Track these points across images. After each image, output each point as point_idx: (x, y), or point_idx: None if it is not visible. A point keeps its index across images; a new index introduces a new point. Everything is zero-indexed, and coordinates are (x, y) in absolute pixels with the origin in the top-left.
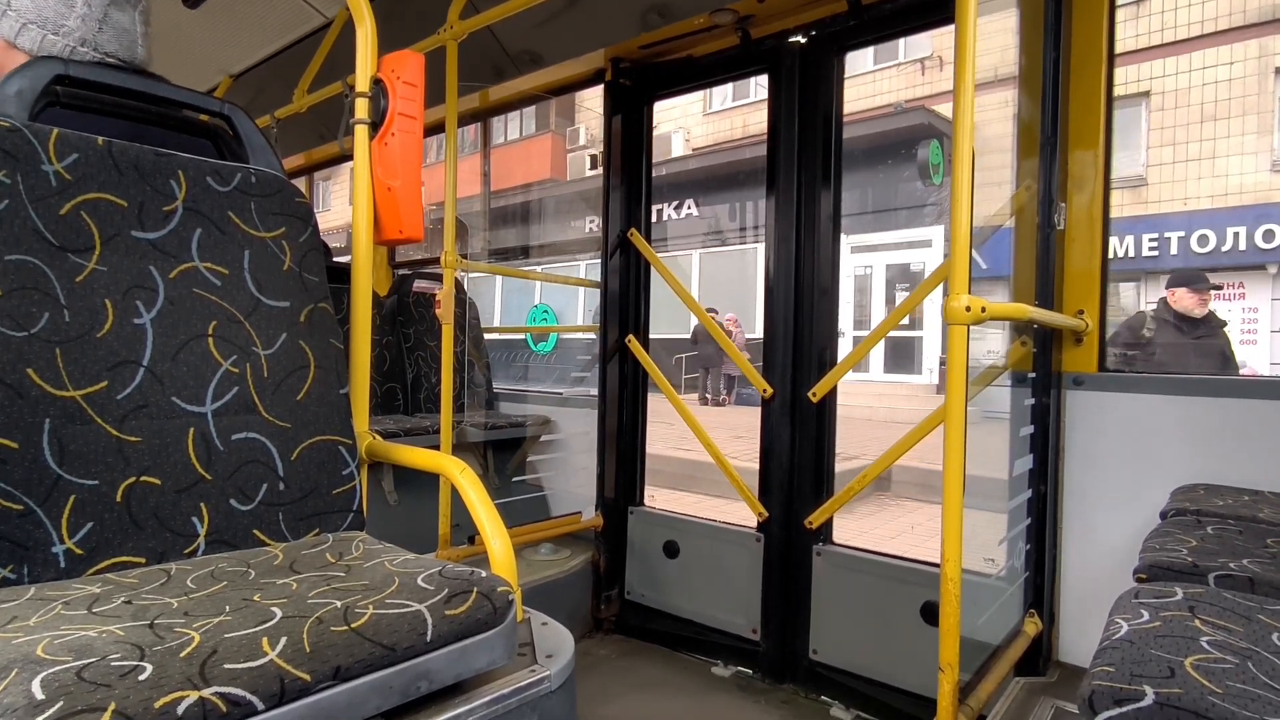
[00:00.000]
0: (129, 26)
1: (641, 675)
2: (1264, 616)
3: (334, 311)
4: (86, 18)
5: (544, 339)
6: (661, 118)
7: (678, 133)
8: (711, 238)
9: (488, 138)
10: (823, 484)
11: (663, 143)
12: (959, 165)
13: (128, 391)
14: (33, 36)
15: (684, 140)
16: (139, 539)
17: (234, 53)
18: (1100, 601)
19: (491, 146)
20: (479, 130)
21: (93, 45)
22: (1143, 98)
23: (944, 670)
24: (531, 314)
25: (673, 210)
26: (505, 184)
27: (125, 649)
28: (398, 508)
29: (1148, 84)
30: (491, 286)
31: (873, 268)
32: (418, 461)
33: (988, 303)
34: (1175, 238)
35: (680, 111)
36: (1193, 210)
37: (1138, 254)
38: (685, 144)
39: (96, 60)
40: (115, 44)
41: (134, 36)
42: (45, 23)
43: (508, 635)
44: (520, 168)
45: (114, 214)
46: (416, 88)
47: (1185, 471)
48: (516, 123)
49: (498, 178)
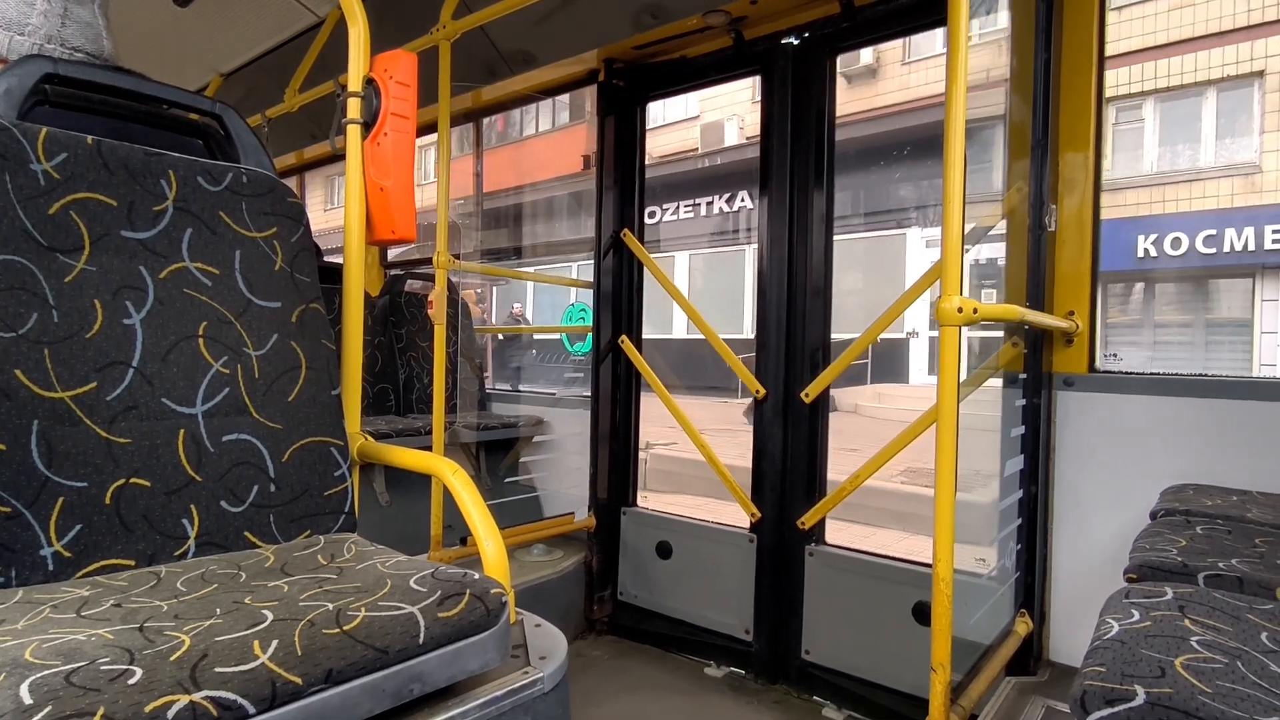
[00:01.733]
0: (91, 20)
1: (634, 676)
2: (1253, 616)
3: (325, 312)
4: (48, 14)
5: (581, 339)
6: (709, 105)
7: (730, 120)
8: None
9: (480, 138)
10: (815, 485)
11: (714, 131)
12: (950, 167)
13: (117, 392)
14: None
15: (738, 128)
16: (128, 541)
17: (225, 51)
18: (1091, 601)
19: (524, 137)
20: (473, 129)
21: (59, 41)
22: (1255, 78)
23: (936, 670)
24: (568, 312)
25: (725, 203)
26: (536, 177)
27: (115, 652)
28: (390, 509)
29: (1262, 63)
30: (522, 286)
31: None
32: (409, 463)
33: (980, 304)
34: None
35: (728, 99)
36: None
37: (1258, 246)
38: (739, 132)
39: (66, 56)
40: (81, 38)
41: (98, 30)
42: (10, 24)
43: (501, 637)
44: (554, 160)
45: (103, 213)
46: (409, 87)
47: (1175, 472)
48: (549, 113)
49: (528, 170)
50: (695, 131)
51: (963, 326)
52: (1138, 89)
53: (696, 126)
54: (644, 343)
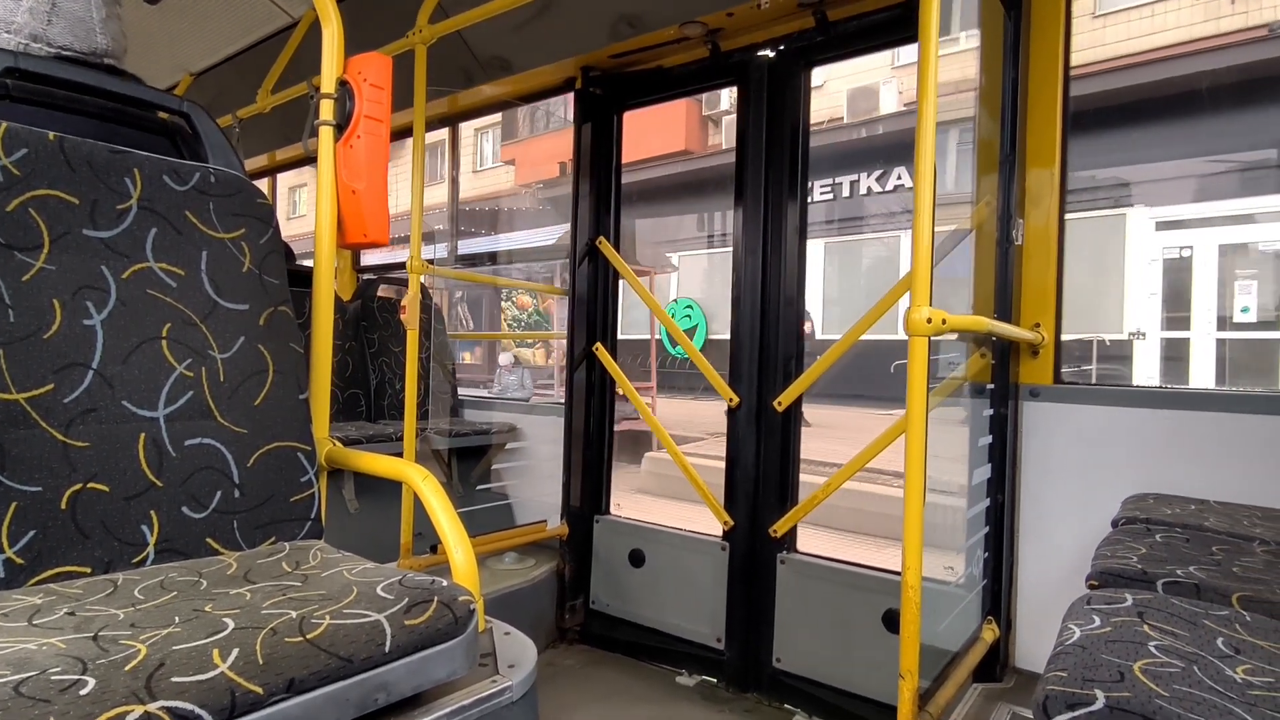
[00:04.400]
0: (83, 15)
1: (605, 685)
2: (1209, 622)
3: (296, 315)
4: (34, 10)
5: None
6: (853, 68)
7: (889, 83)
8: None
9: (455, 143)
10: (787, 492)
11: (865, 97)
12: (921, 180)
13: (75, 395)
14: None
15: (897, 93)
16: (84, 548)
17: (195, 50)
18: (1055, 608)
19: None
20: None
21: (45, 40)
22: None
23: (904, 677)
24: (670, 309)
25: (875, 181)
26: (630, 157)
27: (66, 662)
28: (358, 516)
29: None
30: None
31: (1194, 249)
32: (379, 469)
33: (948, 315)
34: None
35: (868, 62)
36: None
37: None
38: (898, 97)
39: (51, 55)
40: (70, 35)
41: (90, 25)
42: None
43: (469, 645)
44: (648, 139)
45: (64, 211)
46: (383, 90)
47: (1136, 481)
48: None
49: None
50: (834, 101)
51: (931, 337)
52: None
53: (838, 94)
54: (711, 343)
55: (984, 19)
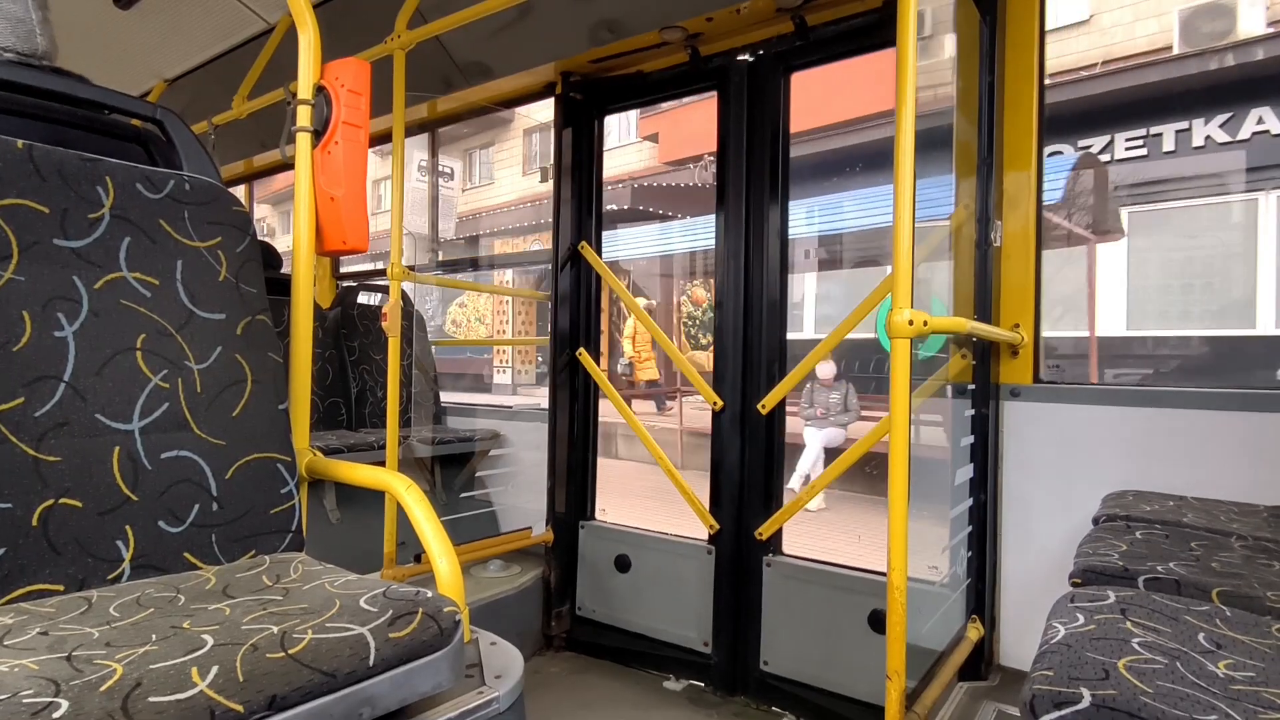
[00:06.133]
0: (22, 15)
1: (593, 691)
2: (1190, 617)
3: (274, 324)
4: None
5: (922, 341)
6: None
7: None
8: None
9: (435, 147)
10: (772, 495)
11: (1209, 16)
12: (900, 184)
13: (46, 408)
14: None
15: (1264, 8)
16: (57, 565)
17: (169, 56)
18: (1039, 606)
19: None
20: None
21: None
22: None
23: (891, 678)
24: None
25: (1220, 128)
26: (809, 124)
27: (39, 684)
28: (340, 526)
29: None
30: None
31: None
32: (360, 479)
33: (930, 317)
34: None
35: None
36: None
37: None
38: (1264, 14)
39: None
40: (11, 36)
41: (29, 25)
42: None
43: (454, 657)
44: (838, 98)
45: (34, 221)
46: (362, 96)
47: (1116, 478)
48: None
49: (803, 113)
50: (1143, 29)
51: (913, 339)
52: None
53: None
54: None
55: (960, 24)
